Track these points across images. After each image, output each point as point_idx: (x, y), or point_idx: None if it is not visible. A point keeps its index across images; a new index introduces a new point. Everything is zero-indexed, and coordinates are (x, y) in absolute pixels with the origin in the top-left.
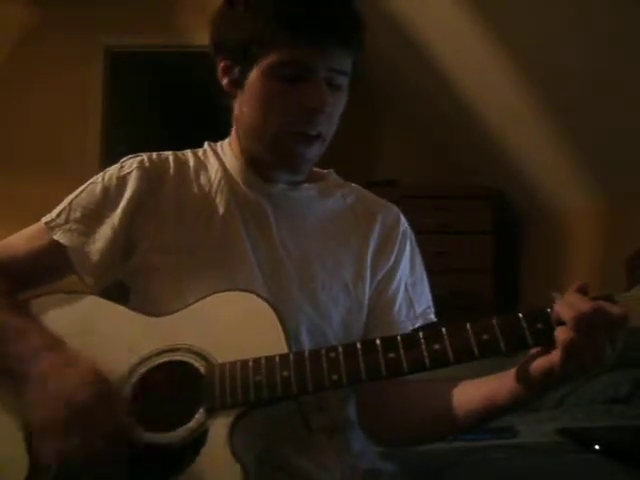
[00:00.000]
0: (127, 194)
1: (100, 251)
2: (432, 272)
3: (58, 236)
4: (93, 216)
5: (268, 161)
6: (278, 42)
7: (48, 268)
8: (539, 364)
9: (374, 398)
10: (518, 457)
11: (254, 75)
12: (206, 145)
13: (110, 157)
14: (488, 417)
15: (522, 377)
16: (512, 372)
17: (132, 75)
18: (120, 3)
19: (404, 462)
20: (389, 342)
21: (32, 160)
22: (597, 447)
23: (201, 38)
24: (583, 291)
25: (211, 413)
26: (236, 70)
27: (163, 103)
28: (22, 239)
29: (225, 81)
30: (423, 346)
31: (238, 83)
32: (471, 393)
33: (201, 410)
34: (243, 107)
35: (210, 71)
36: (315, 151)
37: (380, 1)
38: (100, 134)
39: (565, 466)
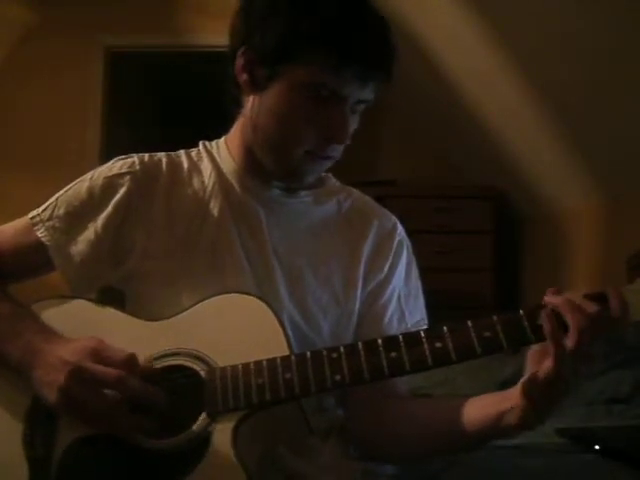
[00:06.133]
0: (114, 199)
1: (82, 254)
2: (432, 272)
3: (41, 233)
4: (77, 215)
5: (272, 170)
6: (320, 64)
7: (30, 264)
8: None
9: (375, 415)
10: (518, 457)
11: (281, 85)
12: (200, 145)
13: (110, 157)
14: (493, 438)
15: (527, 392)
16: (517, 391)
17: (132, 75)
18: (120, 3)
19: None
20: (391, 341)
21: (31, 160)
22: (597, 447)
23: (201, 38)
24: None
25: (213, 417)
26: (261, 71)
27: (163, 103)
28: (7, 232)
29: (244, 77)
30: (425, 345)
31: (260, 85)
32: (477, 413)
33: (203, 415)
34: (259, 111)
35: (209, 71)
36: (325, 167)
37: (380, 2)
38: (100, 134)
39: (565, 466)
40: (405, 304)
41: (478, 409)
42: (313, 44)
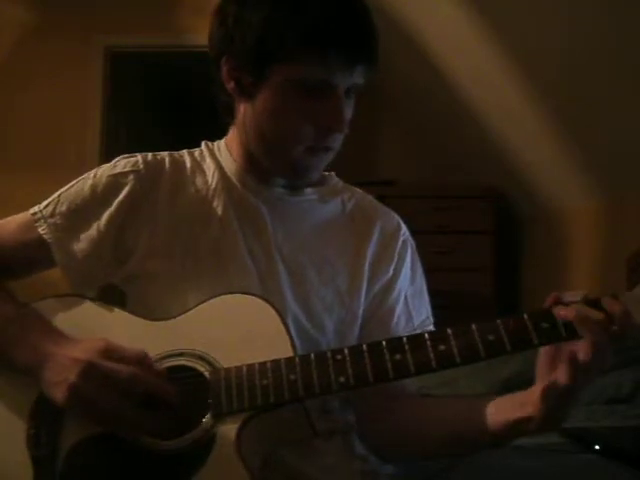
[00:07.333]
0: (118, 197)
1: (83, 251)
2: (432, 272)
3: (42, 230)
4: (79, 213)
5: (274, 169)
6: (304, 59)
7: (30, 260)
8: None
9: (384, 414)
10: (518, 458)
11: (269, 88)
12: (203, 145)
13: (110, 157)
14: (510, 441)
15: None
16: (535, 399)
17: (132, 75)
18: (120, 3)
19: (403, 464)
20: (395, 344)
21: (32, 160)
22: (597, 447)
23: (201, 38)
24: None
25: (218, 418)
26: (247, 78)
27: (163, 103)
28: (8, 227)
29: (231, 85)
30: (429, 347)
31: (248, 92)
32: (497, 417)
33: (208, 416)
34: (253, 118)
35: (209, 71)
36: (326, 161)
37: (379, 2)
38: (100, 134)
39: (565, 466)
40: (412, 304)
41: (498, 414)
42: (293, 41)
